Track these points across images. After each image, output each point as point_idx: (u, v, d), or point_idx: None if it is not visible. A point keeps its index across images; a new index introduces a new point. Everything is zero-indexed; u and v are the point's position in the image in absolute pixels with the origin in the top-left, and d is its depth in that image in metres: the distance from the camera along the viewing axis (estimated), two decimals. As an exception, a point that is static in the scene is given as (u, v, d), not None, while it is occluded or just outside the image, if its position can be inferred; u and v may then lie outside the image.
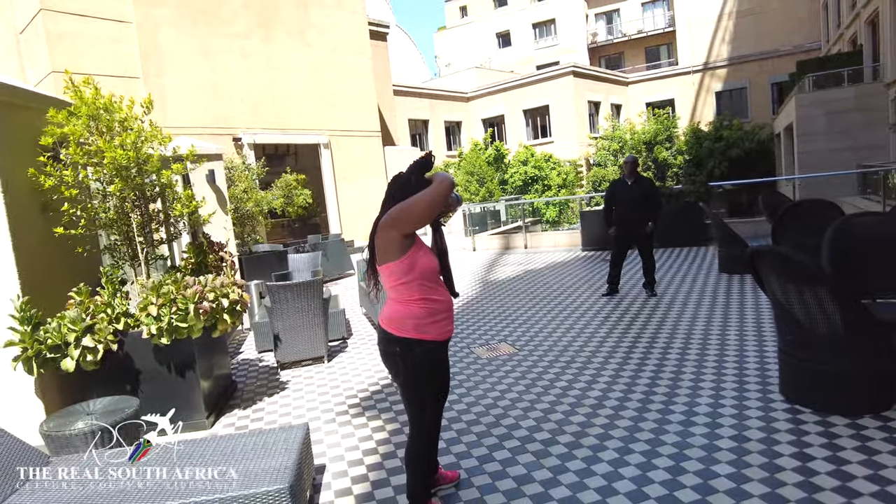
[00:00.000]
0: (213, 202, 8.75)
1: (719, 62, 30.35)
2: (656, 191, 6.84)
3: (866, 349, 3.33)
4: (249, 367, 5.76)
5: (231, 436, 3.10)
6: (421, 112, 27.45)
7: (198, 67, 13.85)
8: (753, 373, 4.13)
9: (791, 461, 2.90)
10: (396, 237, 2.38)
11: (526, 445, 3.37)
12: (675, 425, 3.43)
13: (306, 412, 4.34)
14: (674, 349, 4.85)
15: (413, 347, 2.44)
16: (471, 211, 15.46)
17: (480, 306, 7.34)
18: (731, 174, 23.82)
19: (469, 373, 4.81)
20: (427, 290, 2.46)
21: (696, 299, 6.48)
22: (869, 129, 17.26)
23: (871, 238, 4.55)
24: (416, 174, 2.49)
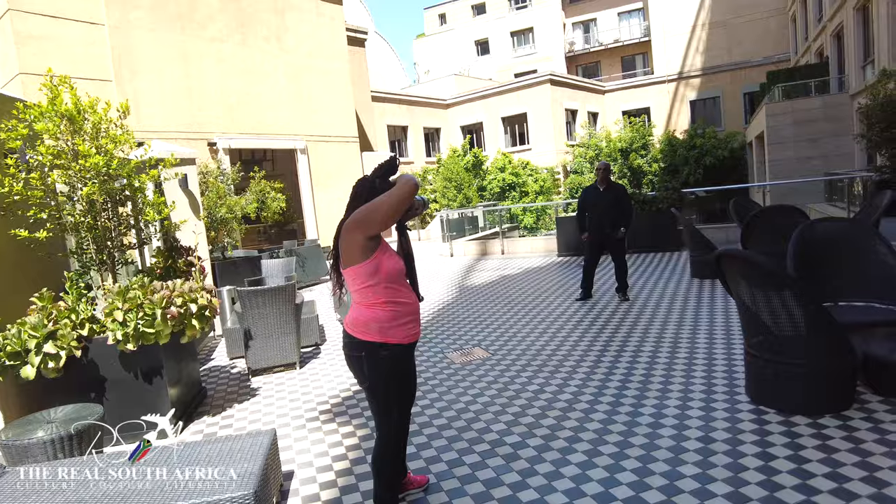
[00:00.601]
0: (186, 207, 8.65)
1: (693, 72, 30.96)
2: (628, 197, 6.94)
3: (827, 350, 3.41)
4: (220, 374, 5.67)
5: (196, 442, 3.05)
6: (400, 118, 27.47)
7: (172, 71, 13.68)
8: (721, 375, 4.20)
9: (754, 461, 2.95)
10: (361, 240, 2.37)
11: (496, 449, 3.38)
12: (643, 427, 3.47)
13: (276, 419, 4.28)
14: (644, 352, 4.90)
15: (378, 351, 2.43)
16: (449, 217, 15.48)
17: (456, 311, 7.34)
18: (705, 181, 24.29)
19: (442, 377, 4.80)
20: (393, 293, 2.45)
21: (668, 304, 6.57)
22: (836, 139, 17.76)
23: (833, 243, 4.66)
24: (380, 177, 2.49)
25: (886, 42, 14.31)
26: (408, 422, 2.67)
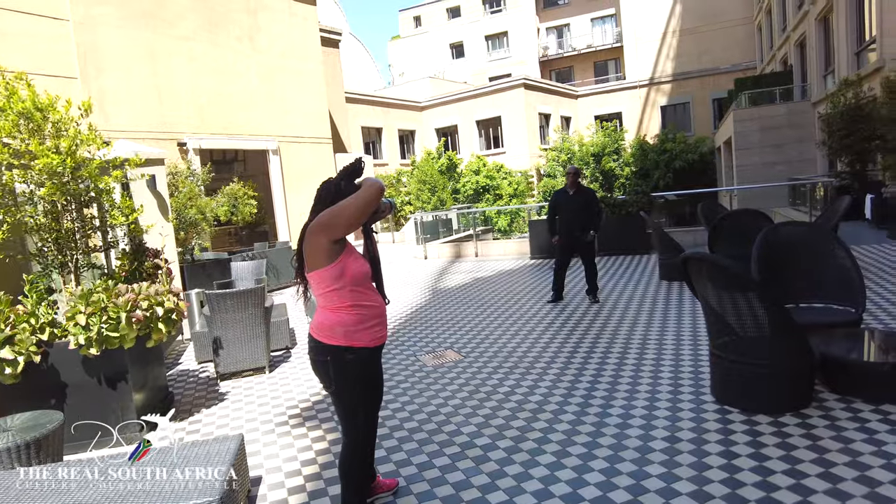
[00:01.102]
0: (154, 208, 8.47)
1: (664, 78, 31.56)
2: (597, 200, 7.03)
3: (788, 351, 3.51)
4: (188, 379, 5.57)
5: (161, 448, 2.99)
6: (374, 120, 27.39)
7: (141, 69, 13.38)
8: (687, 375, 4.28)
9: (718, 459, 3.01)
10: (325, 243, 2.35)
11: (466, 451, 3.38)
12: (611, 427, 3.52)
13: (245, 423, 4.22)
14: (613, 354, 4.97)
15: (344, 355, 2.42)
16: (423, 220, 15.48)
17: (429, 314, 7.34)
18: (675, 185, 24.79)
19: (414, 380, 4.79)
20: (358, 297, 2.44)
21: (637, 305, 6.67)
22: (799, 145, 18.29)
23: (795, 246, 4.80)
24: (345, 179, 2.47)
25: (846, 53, 14.79)
26: (375, 425, 2.66)
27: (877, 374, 3.51)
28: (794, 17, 19.84)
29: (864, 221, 11.33)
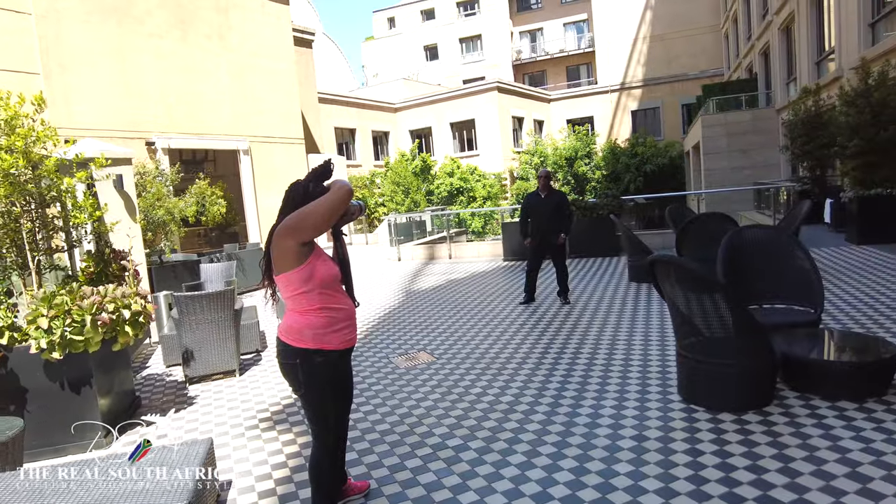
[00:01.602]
0: (121, 209, 8.29)
1: (635, 83, 32.10)
2: (568, 203, 7.13)
3: (752, 351, 3.61)
4: (156, 382, 5.47)
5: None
6: (348, 121, 27.24)
7: (107, 66, 13.09)
8: (655, 375, 4.37)
9: (684, 457, 3.09)
10: (293, 246, 2.33)
11: (438, 452, 3.40)
12: (580, 427, 3.57)
13: (214, 427, 4.17)
14: (583, 354, 5.05)
15: (313, 358, 2.40)
16: (396, 221, 15.45)
17: (402, 316, 7.34)
18: (645, 188, 25.23)
19: (386, 382, 4.79)
20: (327, 299, 2.43)
21: (607, 307, 6.78)
22: (764, 150, 18.79)
23: (759, 249, 4.94)
24: (314, 182, 2.46)
25: (807, 62, 15.28)
26: (346, 428, 2.66)
27: (833, 372, 3.64)
28: (759, 26, 20.42)
29: (824, 225, 11.71)
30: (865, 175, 8.98)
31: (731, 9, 26.26)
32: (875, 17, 11.21)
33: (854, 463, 2.87)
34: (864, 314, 5.52)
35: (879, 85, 8.84)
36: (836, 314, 5.61)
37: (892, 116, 8.59)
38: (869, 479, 2.73)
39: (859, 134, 8.88)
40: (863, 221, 9.15)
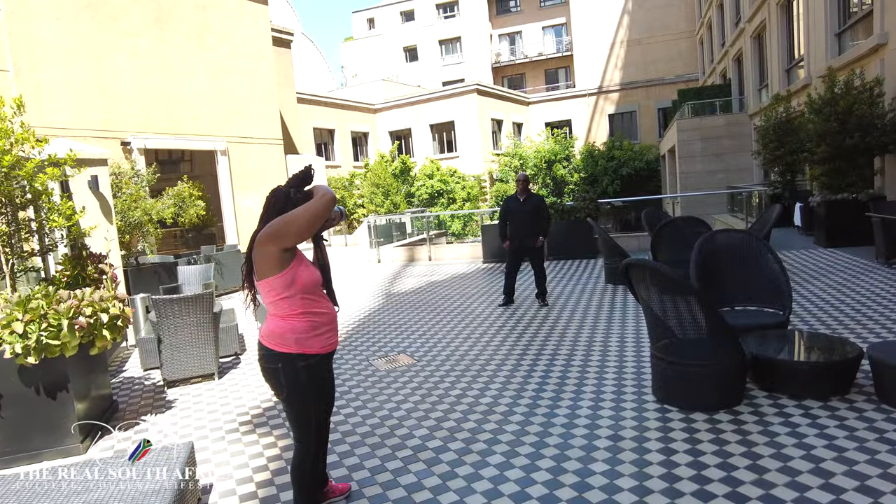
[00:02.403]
0: (97, 210, 8.18)
1: (612, 87, 32.53)
2: (545, 206, 7.24)
3: (723, 352, 3.73)
4: (133, 386, 5.41)
5: (104, 459, 2.92)
6: (327, 121, 27.13)
7: (81, 64, 12.85)
8: (630, 376, 4.48)
9: (658, 456, 3.18)
10: (276, 252, 2.36)
11: (418, 454, 3.45)
12: (558, 428, 3.65)
13: (193, 431, 4.16)
14: (561, 356, 5.14)
15: (296, 362, 2.43)
16: (376, 223, 15.45)
17: (382, 318, 7.36)
18: (622, 191, 25.60)
19: (367, 385, 4.82)
20: (309, 304, 2.46)
21: (584, 308, 6.90)
22: (738, 154, 19.21)
23: (730, 252, 5.09)
24: (295, 187, 2.49)
25: (778, 69, 15.68)
26: (327, 431, 2.69)
27: (800, 372, 3.78)
28: (732, 33, 20.87)
29: (794, 228, 12.04)
30: (832, 180, 9.27)
31: (706, 15, 26.79)
32: (841, 27, 11.58)
33: (817, 459, 3.00)
34: (830, 315, 5.71)
35: (845, 94, 9.14)
36: (804, 315, 5.80)
37: (857, 124, 8.87)
38: (831, 474, 2.85)
39: (826, 141, 9.17)
40: (830, 225, 9.44)
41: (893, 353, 3.64)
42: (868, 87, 9.20)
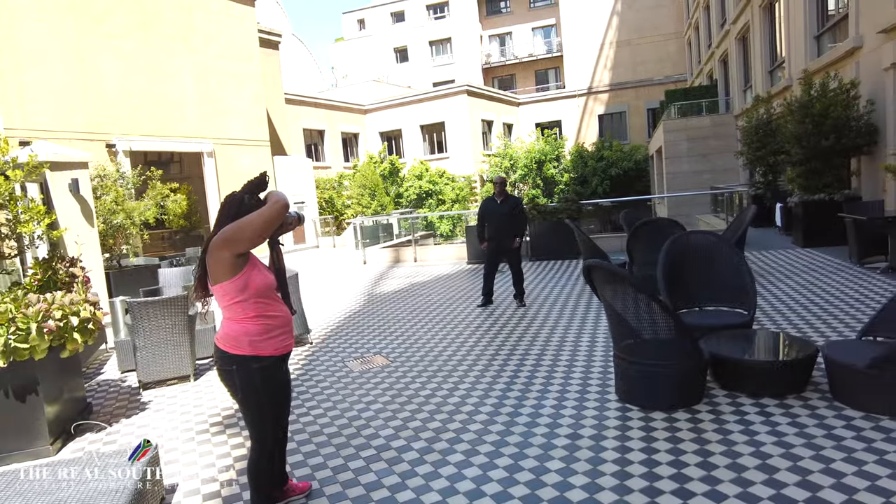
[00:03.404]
0: (77, 213, 8.20)
1: (602, 87, 32.72)
2: (522, 208, 7.32)
3: (681, 352, 3.82)
4: (110, 388, 5.45)
5: (66, 461, 2.97)
6: (317, 122, 27.14)
7: (65, 66, 12.85)
8: (597, 376, 4.56)
9: (612, 454, 3.26)
10: (229, 257, 2.43)
11: (381, 454, 3.52)
12: (519, 427, 3.73)
13: (165, 432, 4.21)
14: (531, 356, 5.22)
15: (250, 364, 2.50)
16: (363, 224, 15.50)
17: (362, 319, 7.42)
18: (611, 191, 25.76)
19: (339, 386, 4.88)
20: (262, 308, 2.53)
21: (560, 309, 6.98)
22: (724, 155, 19.36)
23: (699, 253, 5.18)
24: (249, 193, 2.56)
25: (761, 70, 15.84)
26: (284, 431, 2.76)
27: (757, 371, 3.87)
28: (718, 34, 21.04)
29: (775, 228, 12.18)
30: (808, 181, 9.40)
31: (693, 17, 26.99)
32: (820, 29, 11.72)
33: (764, 455, 3.09)
34: (798, 314, 5.82)
35: (821, 97, 9.27)
36: (772, 315, 5.90)
37: (832, 126, 9.00)
38: (776, 469, 2.94)
39: (802, 142, 9.29)
40: (807, 225, 9.57)
41: (846, 351, 3.74)
42: (844, 89, 9.34)
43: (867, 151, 9.27)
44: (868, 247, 7.58)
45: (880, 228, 7.22)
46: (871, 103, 9.17)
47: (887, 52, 8.45)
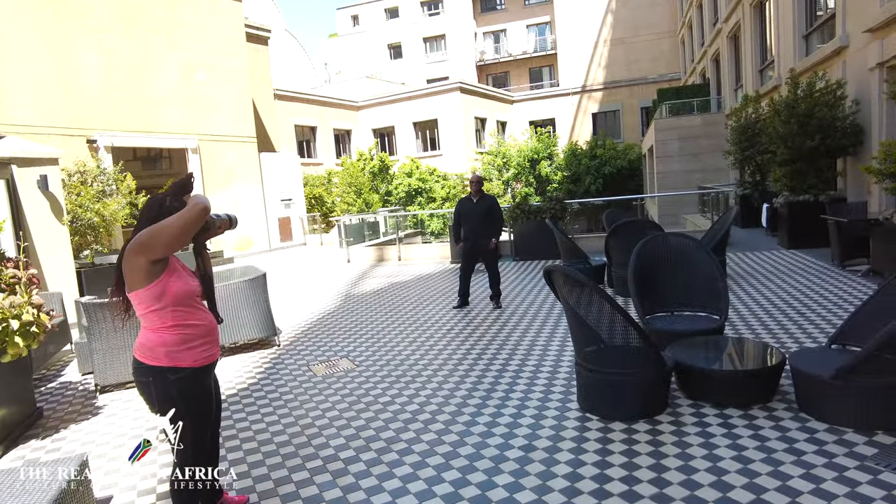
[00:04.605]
0: (46, 210, 8.04)
1: (595, 85, 32.56)
2: (498, 207, 7.16)
3: (640, 360, 3.68)
4: (66, 392, 5.30)
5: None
6: (309, 118, 26.93)
7: (44, 60, 12.64)
8: (561, 383, 4.43)
9: (565, 468, 3.13)
10: (143, 263, 2.29)
11: (327, 465, 3.38)
12: (474, 437, 3.59)
13: (112, 439, 4.07)
14: (498, 360, 5.08)
15: (166, 375, 2.37)
16: (350, 222, 15.35)
17: (334, 321, 7.28)
18: (604, 190, 25.63)
19: (298, 392, 4.74)
20: (181, 316, 2.40)
21: (535, 311, 6.84)
22: (715, 154, 19.24)
23: (670, 257, 5.05)
24: (172, 196, 2.43)
25: (751, 69, 15.72)
26: (210, 444, 2.62)
27: (721, 381, 3.74)
28: (710, 33, 20.91)
29: (763, 229, 12.07)
30: (793, 182, 9.29)
31: (687, 15, 26.86)
32: (808, 29, 11.60)
33: (721, 471, 2.96)
34: (774, 319, 5.70)
35: (806, 97, 9.14)
36: (749, 319, 5.78)
37: (817, 126, 8.88)
38: (731, 487, 2.81)
39: (787, 143, 9.17)
40: (792, 226, 9.46)
41: (812, 361, 3.61)
42: (831, 89, 9.22)
43: (853, 152, 9.15)
44: (850, 249, 7.46)
45: (862, 231, 7.11)
46: (856, 103, 9.05)
47: (873, 52, 8.33)
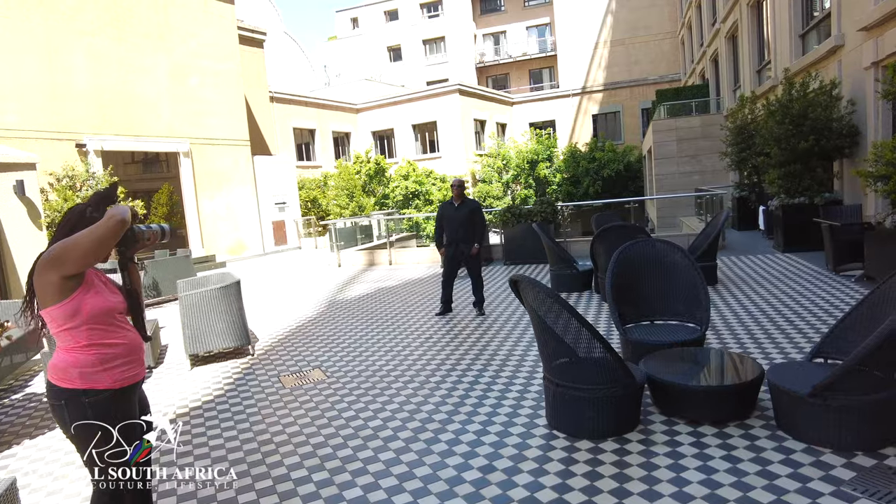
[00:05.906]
0: (23, 215, 7.93)
1: (596, 87, 32.33)
2: (481, 212, 6.98)
3: (610, 377, 3.49)
4: (28, 404, 5.16)
5: None
6: (308, 121, 26.81)
7: (33, 63, 12.56)
8: (532, 397, 4.24)
9: (522, 492, 2.95)
10: (55, 279, 2.13)
11: (276, 486, 3.21)
12: (433, 456, 3.42)
13: (63, 456, 3.91)
14: (472, 372, 4.91)
15: (80, 399, 2.21)
16: (343, 225, 15.21)
17: (314, 329, 7.12)
18: (603, 192, 25.42)
19: (263, 405, 4.58)
20: (98, 335, 2.23)
21: (517, 319, 6.66)
22: (713, 156, 18.96)
23: (651, 263, 4.86)
24: (94, 206, 2.27)
25: (749, 70, 15.50)
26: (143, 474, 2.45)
27: (695, 396, 3.55)
28: (709, 33, 20.69)
29: (759, 231, 11.86)
30: (788, 184, 9.08)
31: (686, 16, 26.64)
32: (804, 28, 11.38)
33: (687, 497, 2.77)
34: (761, 327, 5.50)
35: (801, 97, 8.94)
36: (735, 327, 5.58)
37: (812, 127, 8.67)
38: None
39: (781, 144, 8.96)
40: (787, 229, 9.25)
41: (791, 375, 3.42)
42: (826, 89, 9.00)
43: (848, 154, 8.94)
44: (844, 253, 7.25)
45: (856, 234, 6.90)
46: (851, 104, 8.84)
47: (868, 51, 8.12)
